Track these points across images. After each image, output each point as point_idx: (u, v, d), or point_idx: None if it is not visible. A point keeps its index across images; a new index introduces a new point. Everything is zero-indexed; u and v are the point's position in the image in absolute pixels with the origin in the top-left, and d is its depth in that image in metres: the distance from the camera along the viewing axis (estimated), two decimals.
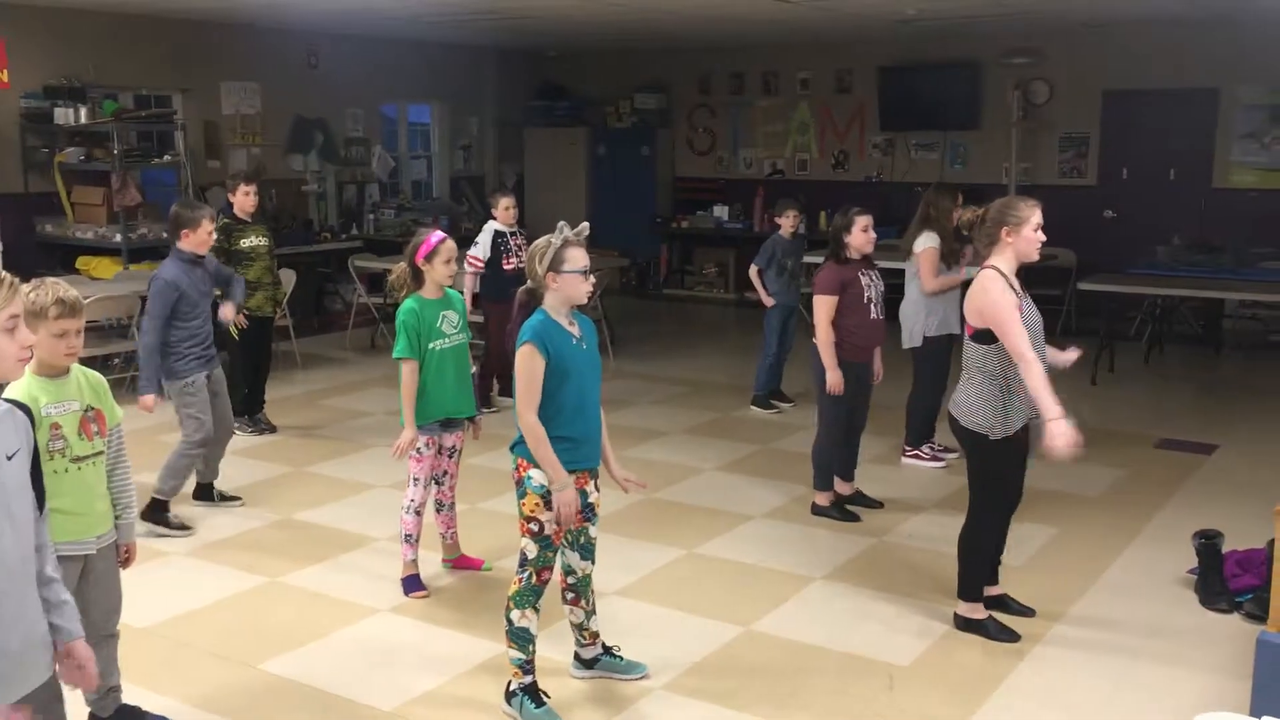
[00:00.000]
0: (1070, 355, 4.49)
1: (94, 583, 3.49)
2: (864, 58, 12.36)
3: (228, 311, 6.47)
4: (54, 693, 2.97)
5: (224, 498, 6.08)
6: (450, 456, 4.98)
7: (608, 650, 4.18)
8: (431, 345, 4.74)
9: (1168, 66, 10.72)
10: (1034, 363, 4.09)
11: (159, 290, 5.56)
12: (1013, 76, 11.47)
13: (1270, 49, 10.06)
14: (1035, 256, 4.34)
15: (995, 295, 4.19)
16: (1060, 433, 4.01)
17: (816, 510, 5.95)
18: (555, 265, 3.68)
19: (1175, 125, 10.93)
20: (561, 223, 3.77)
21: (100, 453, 3.44)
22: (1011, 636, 4.45)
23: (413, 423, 4.71)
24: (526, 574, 3.80)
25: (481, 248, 7.78)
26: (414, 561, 4.94)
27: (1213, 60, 10.52)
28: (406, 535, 4.91)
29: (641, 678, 4.15)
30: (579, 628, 4.13)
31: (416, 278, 4.77)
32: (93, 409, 3.42)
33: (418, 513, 4.87)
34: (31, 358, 2.59)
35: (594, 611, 4.12)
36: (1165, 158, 11.03)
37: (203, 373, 5.70)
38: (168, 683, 4.08)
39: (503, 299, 7.94)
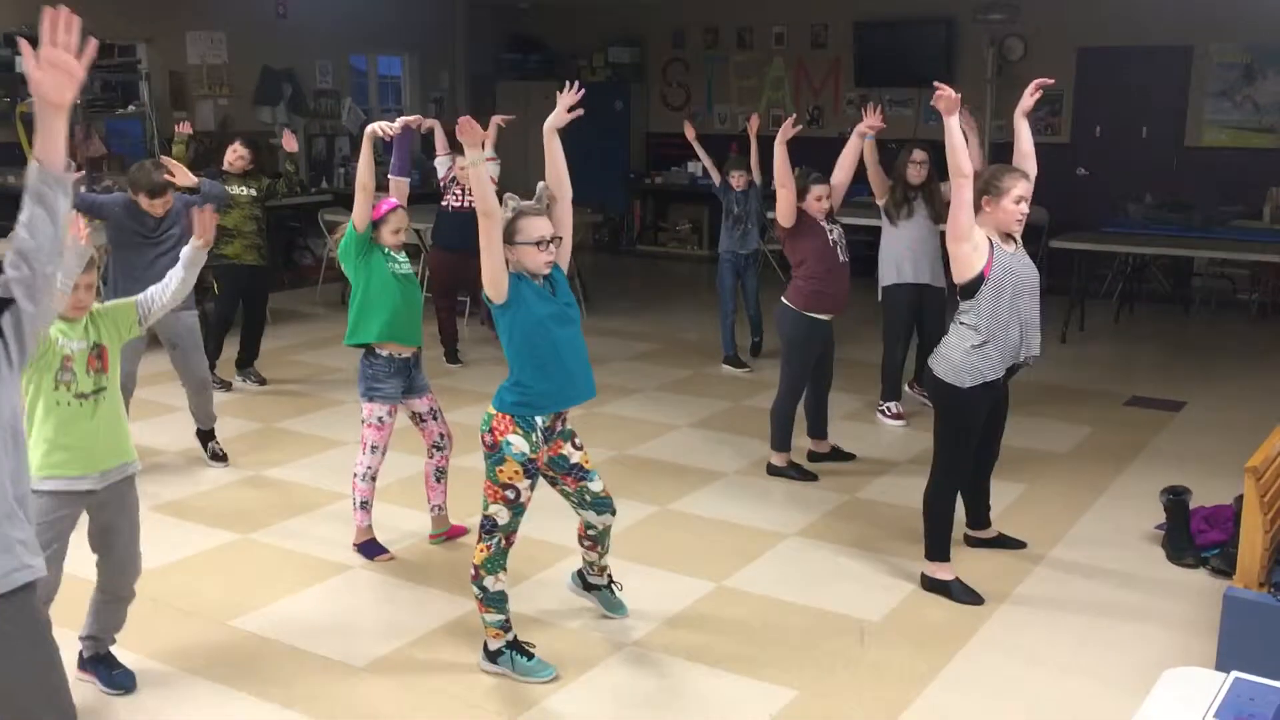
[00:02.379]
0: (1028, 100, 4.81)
1: (108, 533, 3.57)
2: (839, 13, 12.25)
3: (290, 140, 7.48)
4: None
5: (215, 455, 6.02)
6: (436, 419, 4.91)
7: (610, 586, 4.31)
8: (385, 265, 4.65)
9: (1142, 24, 10.68)
10: (966, 183, 4.24)
11: (106, 195, 6.15)
12: (988, 33, 11.41)
13: (1243, 6, 10.05)
14: (1014, 228, 4.42)
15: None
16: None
17: (772, 470, 5.93)
18: (508, 238, 3.65)
19: (1149, 83, 10.92)
20: (508, 195, 3.74)
21: (103, 389, 3.49)
22: (975, 599, 4.46)
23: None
24: (495, 540, 3.79)
25: (442, 166, 8.05)
26: (369, 527, 4.89)
27: (1186, 18, 10.49)
28: (362, 502, 4.84)
29: (620, 618, 4.31)
30: (592, 564, 4.25)
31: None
32: (98, 345, 3.46)
33: (372, 479, 4.81)
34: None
35: (605, 554, 4.24)
36: (1138, 115, 11.03)
37: None
38: (136, 639, 4.04)
39: (449, 247, 7.93)
